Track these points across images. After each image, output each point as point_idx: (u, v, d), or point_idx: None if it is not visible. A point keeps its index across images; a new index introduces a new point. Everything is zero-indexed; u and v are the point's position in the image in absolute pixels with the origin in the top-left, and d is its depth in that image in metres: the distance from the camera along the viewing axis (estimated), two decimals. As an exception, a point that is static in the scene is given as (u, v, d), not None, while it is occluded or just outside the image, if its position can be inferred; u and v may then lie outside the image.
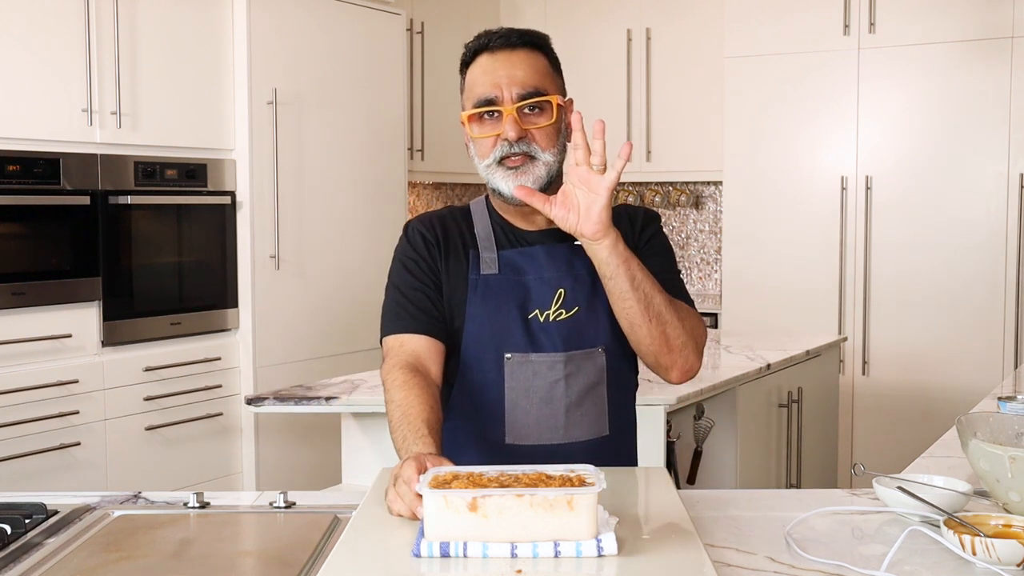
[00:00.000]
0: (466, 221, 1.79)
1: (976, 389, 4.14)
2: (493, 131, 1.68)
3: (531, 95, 1.67)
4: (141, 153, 3.72)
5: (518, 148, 1.67)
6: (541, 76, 1.70)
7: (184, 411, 3.86)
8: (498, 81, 1.67)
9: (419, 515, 1.34)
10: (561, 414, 1.70)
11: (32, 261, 3.44)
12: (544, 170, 1.68)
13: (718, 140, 5.07)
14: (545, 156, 1.68)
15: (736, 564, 1.32)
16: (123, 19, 3.63)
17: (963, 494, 1.50)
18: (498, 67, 1.69)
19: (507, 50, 1.70)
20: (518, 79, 1.67)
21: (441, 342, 1.73)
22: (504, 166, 1.68)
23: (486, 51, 1.71)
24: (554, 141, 1.70)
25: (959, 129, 4.49)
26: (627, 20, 5.43)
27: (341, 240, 4.42)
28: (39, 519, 1.52)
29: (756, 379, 3.22)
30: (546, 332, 1.70)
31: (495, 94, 1.67)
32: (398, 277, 1.77)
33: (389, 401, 1.64)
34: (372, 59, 4.55)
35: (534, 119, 1.68)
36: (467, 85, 1.74)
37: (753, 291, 4.92)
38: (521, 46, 1.71)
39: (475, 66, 1.72)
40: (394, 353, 1.71)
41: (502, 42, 1.71)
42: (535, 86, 1.68)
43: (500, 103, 1.67)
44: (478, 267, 1.73)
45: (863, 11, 4.62)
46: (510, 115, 1.66)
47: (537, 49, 1.73)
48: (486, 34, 1.73)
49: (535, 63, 1.71)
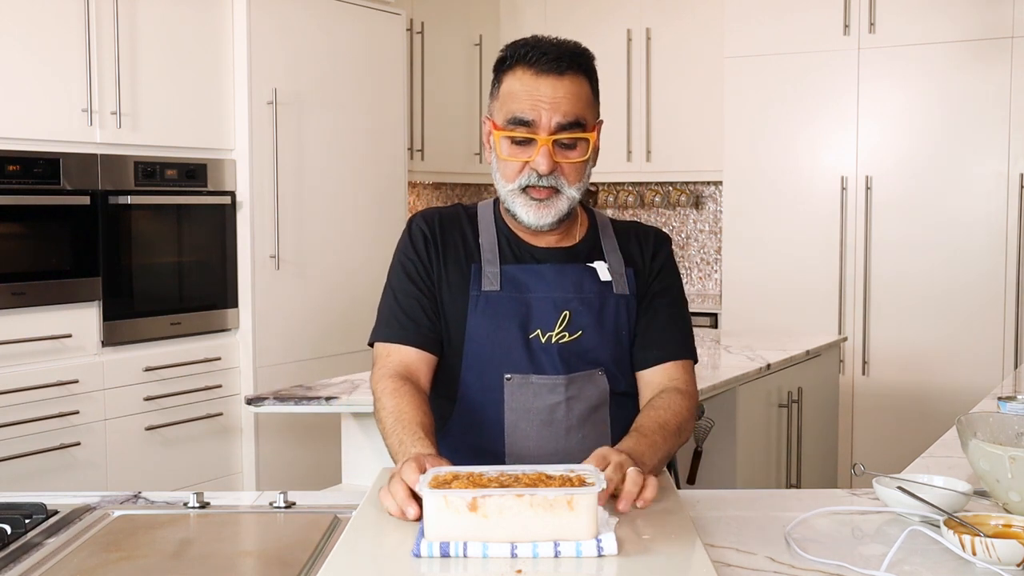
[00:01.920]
0: (472, 226, 1.75)
1: (976, 389, 4.14)
2: (523, 156, 1.62)
3: (570, 127, 1.61)
4: (141, 153, 3.72)
5: (546, 182, 1.62)
6: (583, 106, 1.63)
7: (184, 411, 3.86)
8: (538, 105, 1.60)
9: (408, 515, 1.34)
10: (562, 436, 1.67)
11: (32, 261, 3.44)
12: (567, 204, 1.65)
13: (718, 140, 5.07)
14: (570, 192, 1.64)
15: (736, 564, 1.32)
16: (123, 19, 3.62)
17: (963, 494, 1.50)
18: (542, 88, 1.61)
19: (554, 76, 1.61)
20: (560, 107, 1.60)
21: (432, 353, 1.71)
22: (528, 195, 1.64)
23: (532, 66, 1.62)
24: (582, 175, 1.65)
25: (959, 129, 4.49)
26: (627, 20, 5.43)
27: (341, 240, 4.42)
28: (39, 519, 1.52)
29: (756, 379, 3.22)
30: (547, 353, 1.67)
31: (533, 117, 1.60)
32: (396, 279, 1.75)
33: (380, 408, 1.63)
34: (372, 59, 4.55)
35: (567, 152, 1.63)
36: (503, 94, 1.65)
37: (753, 291, 4.92)
38: (569, 71, 1.62)
39: (515, 77, 1.64)
40: (383, 362, 1.71)
41: (551, 66, 1.61)
42: (576, 115, 1.61)
43: (536, 129, 1.60)
44: (479, 282, 1.69)
45: (863, 11, 4.62)
46: (545, 146, 1.60)
47: (583, 74, 1.65)
48: (535, 46, 1.64)
49: (580, 91, 1.63)
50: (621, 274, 1.73)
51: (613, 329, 1.70)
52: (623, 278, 1.73)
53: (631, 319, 1.73)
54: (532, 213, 1.64)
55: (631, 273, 1.74)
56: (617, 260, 1.75)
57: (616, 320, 1.71)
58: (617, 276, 1.73)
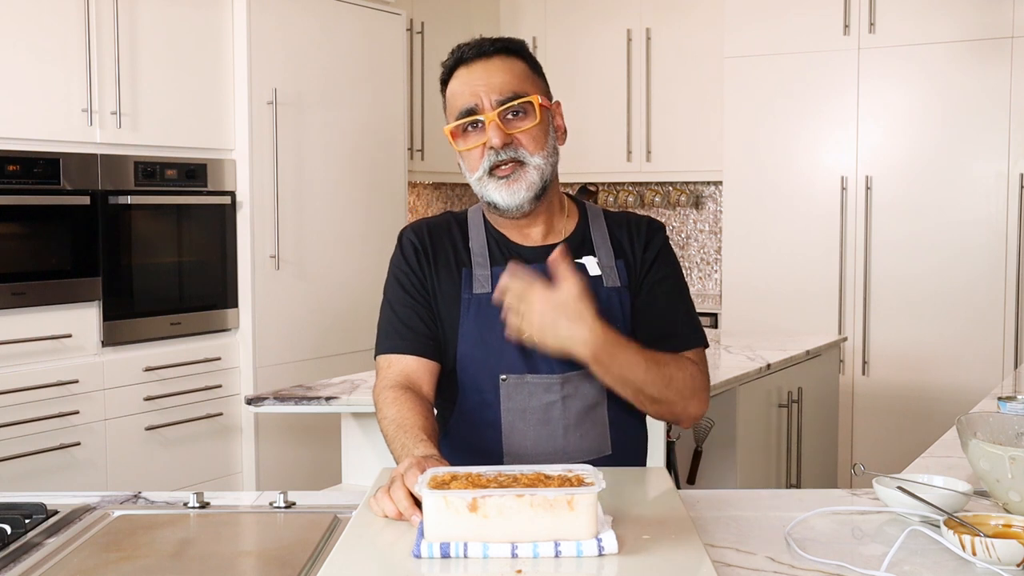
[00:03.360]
0: (461, 231, 1.76)
1: (976, 389, 4.14)
2: (478, 141, 1.66)
3: (511, 99, 1.65)
4: (141, 153, 3.72)
5: (506, 155, 1.64)
6: (519, 79, 1.68)
7: (184, 411, 3.86)
8: (476, 90, 1.65)
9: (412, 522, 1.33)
10: (559, 435, 1.67)
11: (32, 261, 3.44)
12: (536, 175, 1.66)
13: (718, 140, 5.07)
14: (535, 160, 1.66)
15: (736, 564, 1.32)
16: (123, 19, 3.62)
17: (963, 494, 1.50)
18: (475, 76, 1.67)
19: (482, 59, 1.68)
20: (495, 85, 1.65)
21: (433, 360, 1.71)
22: (495, 176, 1.66)
23: (461, 64, 1.70)
24: (542, 143, 1.67)
25: (959, 129, 4.49)
26: (627, 20, 5.43)
27: (341, 240, 4.42)
28: (39, 519, 1.52)
29: (756, 379, 3.22)
30: (542, 353, 1.65)
31: (474, 103, 1.65)
32: (391, 291, 1.76)
33: (382, 418, 1.63)
34: (372, 59, 4.55)
35: (518, 123, 1.66)
36: (448, 100, 1.72)
37: (753, 291, 4.92)
38: (495, 53, 1.69)
39: (453, 80, 1.71)
40: (384, 374, 1.71)
41: (475, 52, 1.69)
42: (514, 90, 1.66)
43: (481, 111, 1.65)
44: (471, 286, 1.70)
45: (863, 11, 4.62)
46: (492, 121, 1.63)
47: (513, 54, 1.71)
48: (459, 48, 1.71)
49: (512, 67, 1.69)
50: (611, 267, 1.73)
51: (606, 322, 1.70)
52: (613, 271, 1.73)
53: (625, 311, 1.73)
54: (504, 193, 1.66)
55: (621, 265, 1.74)
56: (607, 253, 1.75)
57: (609, 314, 1.71)
58: (607, 269, 1.73)
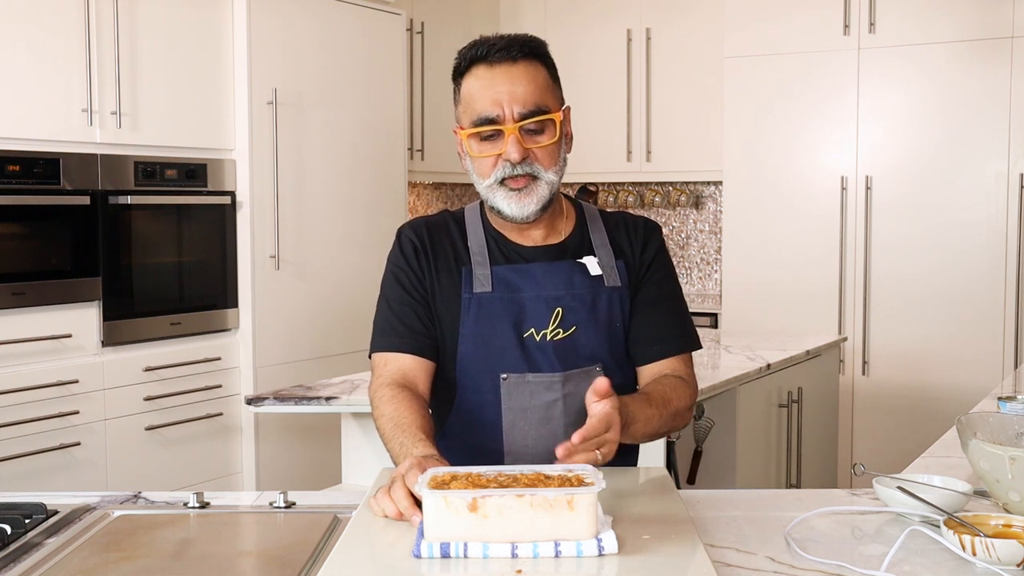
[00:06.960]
0: (460, 230, 1.76)
1: (976, 389, 4.14)
2: (494, 151, 1.64)
3: (534, 113, 1.62)
4: (141, 153, 3.72)
5: (521, 169, 1.63)
6: (542, 90, 1.65)
7: (184, 411, 3.86)
8: (499, 98, 1.62)
9: (413, 522, 1.33)
10: (560, 434, 1.66)
11: (32, 261, 3.44)
12: (547, 189, 1.66)
13: (718, 140, 5.07)
14: (548, 175, 1.65)
15: (736, 564, 1.32)
16: (123, 19, 3.62)
17: (963, 494, 1.50)
18: (498, 82, 1.63)
19: (507, 63, 1.64)
20: (519, 96, 1.62)
21: (430, 359, 1.71)
22: (506, 187, 1.65)
23: (484, 62, 1.65)
24: (556, 159, 1.66)
25: (959, 129, 4.49)
26: (627, 20, 5.43)
27: (341, 240, 4.42)
28: (39, 519, 1.52)
29: (756, 379, 3.22)
30: (543, 351, 1.67)
31: (496, 113, 1.62)
32: (389, 289, 1.75)
33: (379, 416, 1.63)
34: (372, 59, 4.55)
35: (536, 138, 1.64)
36: (464, 98, 1.68)
37: (753, 291, 4.92)
38: (522, 58, 1.64)
39: (472, 78, 1.66)
40: (380, 371, 1.71)
41: (502, 55, 1.64)
42: (537, 103, 1.63)
43: (501, 122, 1.62)
44: (471, 285, 1.69)
45: (863, 11, 4.62)
46: (512, 135, 1.61)
47: (537, 59, 1.67)
48: (484, 43, 1.66)
49: (536, 77, 1.65)
50: (611, 266, 1.74)
51: (607, 322, 1.71)
52: (613, 270, 1.73)
53: (624, 311, 1.73)
54: (514, 204, 1.65)
55: (621, 265, 1.75)
56: (607, 253, 1.75)
57: (609, 313, 1.71)
58: (607, 269, 1.73)
